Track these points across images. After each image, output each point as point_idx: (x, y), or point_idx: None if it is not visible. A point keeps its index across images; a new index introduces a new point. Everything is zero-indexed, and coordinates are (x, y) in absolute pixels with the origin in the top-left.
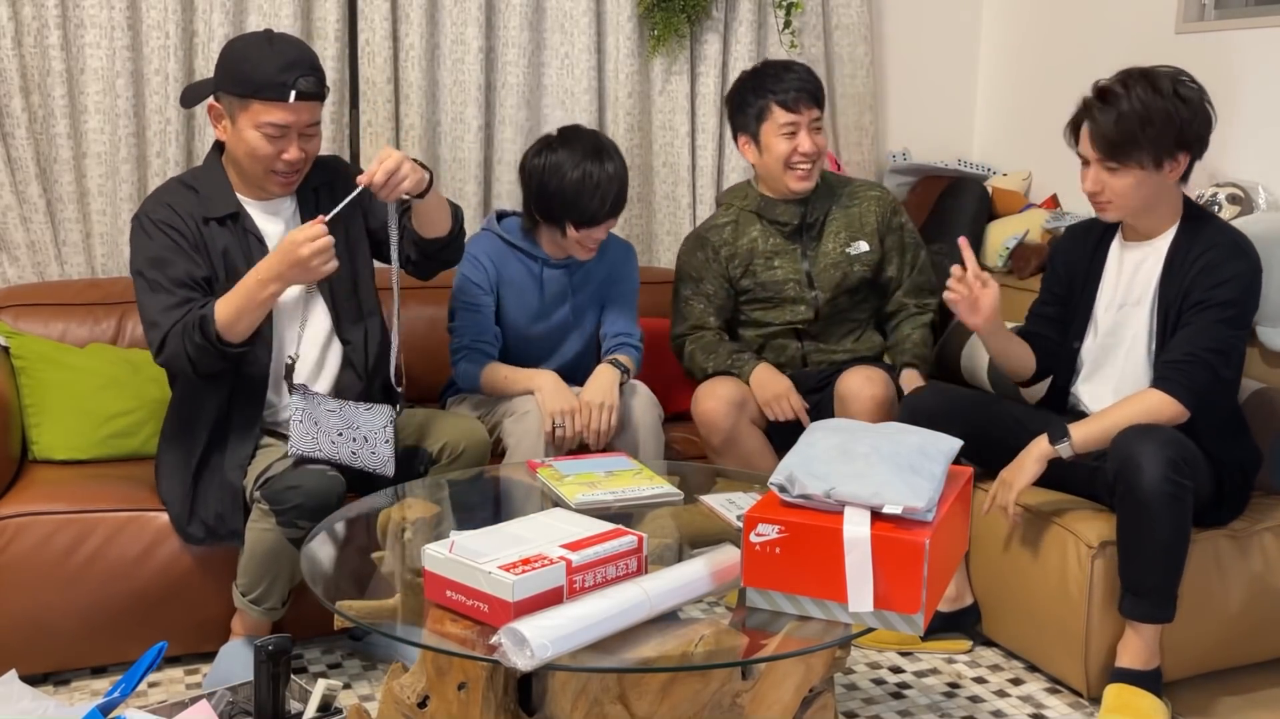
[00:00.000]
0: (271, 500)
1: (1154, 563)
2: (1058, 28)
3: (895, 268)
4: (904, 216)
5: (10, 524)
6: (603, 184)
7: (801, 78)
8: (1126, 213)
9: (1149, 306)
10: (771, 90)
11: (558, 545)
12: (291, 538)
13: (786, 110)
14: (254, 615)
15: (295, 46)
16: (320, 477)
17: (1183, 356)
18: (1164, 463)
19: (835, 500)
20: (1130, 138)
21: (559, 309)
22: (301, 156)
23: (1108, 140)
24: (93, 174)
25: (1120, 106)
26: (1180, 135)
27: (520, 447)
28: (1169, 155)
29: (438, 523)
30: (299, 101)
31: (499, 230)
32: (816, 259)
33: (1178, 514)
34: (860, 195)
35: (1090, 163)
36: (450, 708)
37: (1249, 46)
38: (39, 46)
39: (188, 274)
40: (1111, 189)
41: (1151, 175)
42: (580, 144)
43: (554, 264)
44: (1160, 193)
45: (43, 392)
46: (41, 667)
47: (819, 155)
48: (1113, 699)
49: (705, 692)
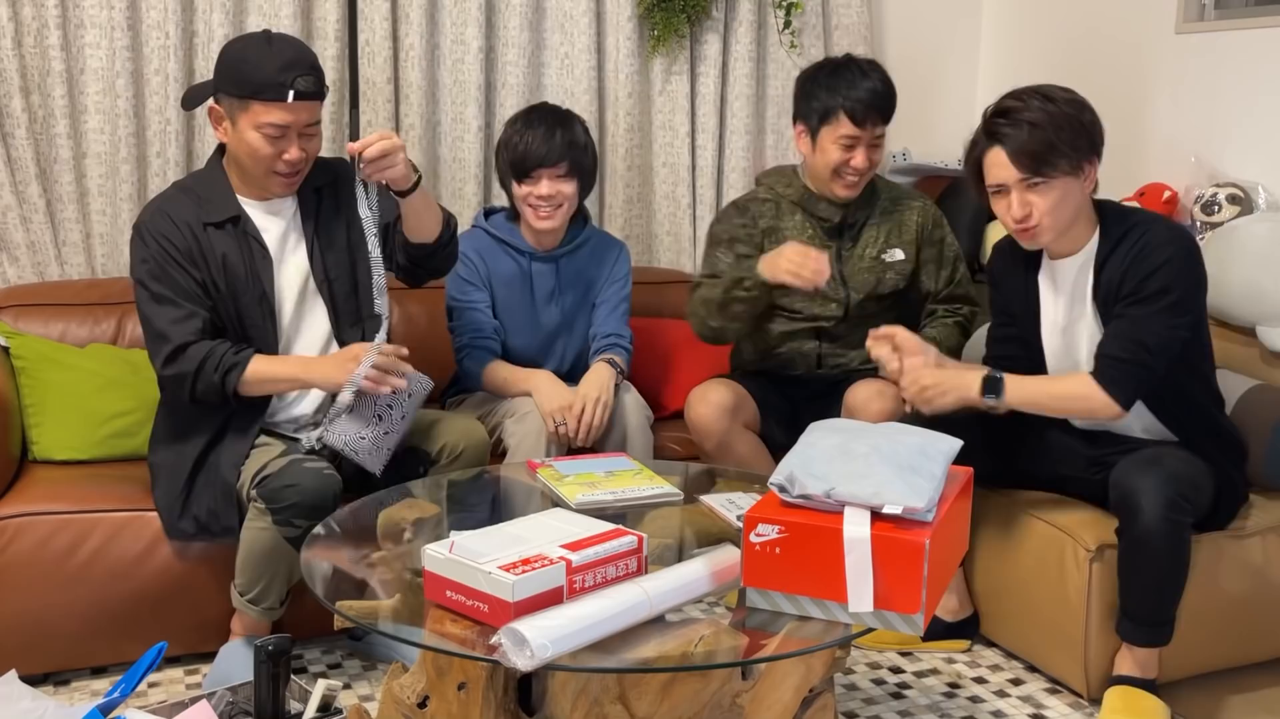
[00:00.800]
0: (268, 499)
1: (1151, 593)
2: (1058, 28)
3: (931, 279)
4: (946, 230)
5: (10, 524)
6: (541, 136)
7: (877, 90)
8: (1056, 233)
9: (1092, 321)
10: (844, 95)
11: (558, 545)
12: (288, 537)
13: (853, 122)
14: (253, 615)
15: (294, 47)
16: (317, 476)
17: (1122, 353)
18: (1163, 503)
19: (835, 500)
20: (1049, 145)
21: (549, 309)
22: (302, 156)
23: (1027, 153)
24: (93, 174)
25: (1026, 118)
26: (1090, 138)
27: (521, 447)
28: (1085, 159)
29: (438, 523)
30: (298, 101)
31: (486, 226)
32: (850, 261)
33: (1176, 546)
34: (904, 204)
35: (1008, 188)
36: (450, 708)
37: (1249, 46)
38: (39, 46)
39: (189, 285)
40: (1039, 209)
41: (1073, 185)
42: (533, 106)
43: (540, 257)
44: (1081, 204)
45: (43, 392)
46: (41, 667)
47: (871, 170)
48: (1115, 700)
49: (705, 692)
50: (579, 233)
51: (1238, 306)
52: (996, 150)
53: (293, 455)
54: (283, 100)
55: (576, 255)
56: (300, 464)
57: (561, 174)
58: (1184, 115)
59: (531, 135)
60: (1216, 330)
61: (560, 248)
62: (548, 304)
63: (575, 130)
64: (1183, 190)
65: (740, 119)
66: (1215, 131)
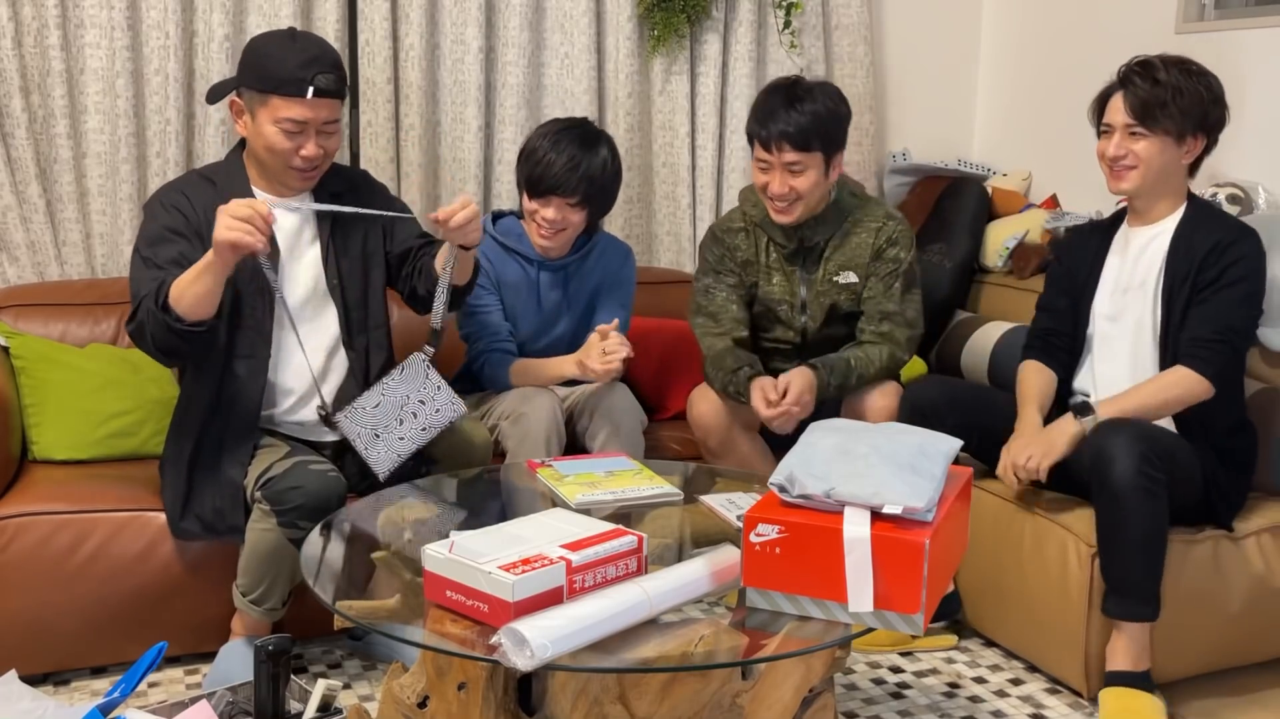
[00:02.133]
0: (273, 501)
1: (1132, 558)
2: (1058, 28)
3: (870, 294)
4: (901, 249)
5: (10, 524)
6: (563, 162)
7: (793, 118)
8: (1143, 183)
9: (1153, 289)
10: (758, 120)
11: (558, 545)
12: (293, 538)
13: (762, 147)
14: (254, 616)
15: (317, 44)
16: (322, 477)
17: (1210, 334)
18: (1137, 456)
19: (835, 500)
20: (1162, 104)
21: (555, 316)
22: (320, 153)
23: (1143, 103)
24: (93, 174)
25: (1158, 76)
26: (1204, 116)
27: (521, 449)
28: (1191, 132)
29: (438, 523)
30: (317, 98)
31: (494, 233)
32: (812, 285)
33: (1152, 507)
34: (863, 224)
35: (1115, 130)
36: (450, 708)
37: (1249, 46)
38: (39, 46)
39: (181, 255)
40: (1135, 153)
41: (1171, 148)
42: (569, 123)
43: (548, 266)
44: (1173, 172)
45: (43, 392)
46: (41, 667)
47: (797, 198)
48: (1110, 703)
49: (705, 692)
50: (587, 240)
51: None
52: (1119, 95)
53: (298, 457)
54: (302, 96)
55: (584, 262)
56: (305, 466)
57: (573, 203)
58: None
59: (554, 157)
60: None
61: (568, 255)
62: (554, 311)
63: (598, 159)
64: None
65: (740, 119)
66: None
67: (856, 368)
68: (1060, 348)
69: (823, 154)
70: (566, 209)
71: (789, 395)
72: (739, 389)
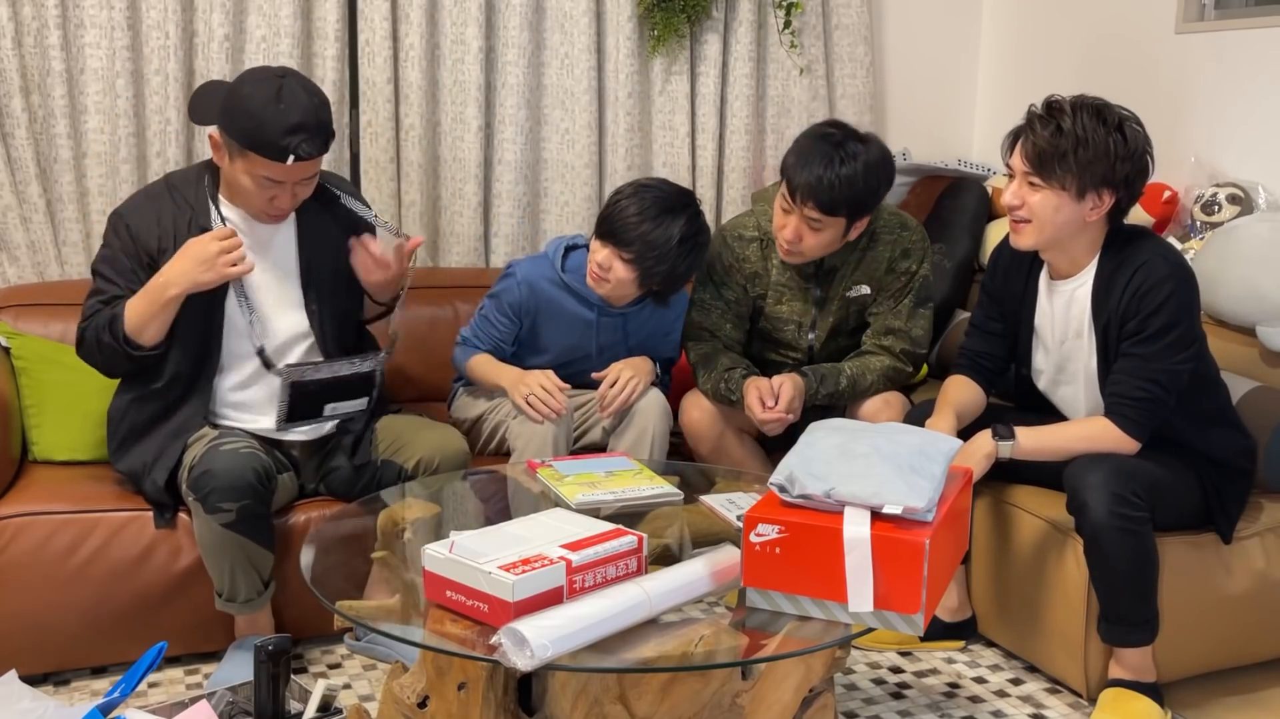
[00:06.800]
0: (194, 490)
1: (1118, 592)
2: (1058, 28)
3: (876, 310)
4: (915, 262)
5: (10, 524)
6: (631, 205)
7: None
8: (1040, 239)
9: (1087, 339)
10: (793, 161)
11: (558, 545)
12: (223, 523)
13: (790, 194)
14: (235, 612)
15: (301, 107)
16: (233, 455)
17: (1135, 391)
18: (1108, 498)
19: (835, 500)
20: (1061, 155)
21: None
22: (293, 203)
23: (1038, 153)
24: (93, 174)
25: (1062, 124)
26: (1109, 172)
27: (528, 448)
28: (1093, 188)
29: (438, 523)
30: (297, 162)
31: (563, 275)
32: (826, 303)
33: (1132, 545)
34: (881, 237)
35: (1015, 175)
36: (450, 708)
37: (1249, 46)
38: (39, 46)
39: (133, 281)
40: (1030, 205)
41: (1070, 203)
42: (668, 186)
43: (608, 313)
44: (1077, 227)
45: (43, 392)
46: (41, 667)
47: (804, 248)
48: (1107, 701)
49: (705, 692)
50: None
51: (1237, 307)
52: (1024, 138)
53: (211, 443)
54: (282, 162)
55: (643, 310)
56: (216, 449)
57: (625, 258)
58: (1184, 115)
59: (627, 204)
60: (1216, 331)
61: (629, 305)
62: (606, 354)
63: (665, 229)
64: (1183, 190)
65: (740, 119)
66: (1215, 131)
67: (850, 376)
68: (991, 369)
69: (847, 219)
70: (616, 260)
71: (780, 402)
72: (731, 389)
